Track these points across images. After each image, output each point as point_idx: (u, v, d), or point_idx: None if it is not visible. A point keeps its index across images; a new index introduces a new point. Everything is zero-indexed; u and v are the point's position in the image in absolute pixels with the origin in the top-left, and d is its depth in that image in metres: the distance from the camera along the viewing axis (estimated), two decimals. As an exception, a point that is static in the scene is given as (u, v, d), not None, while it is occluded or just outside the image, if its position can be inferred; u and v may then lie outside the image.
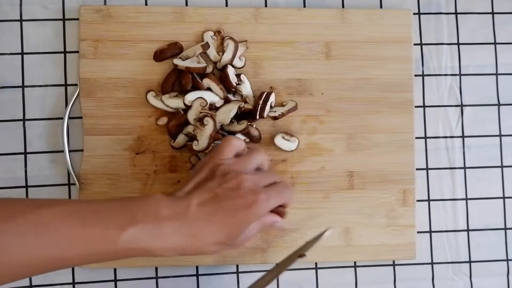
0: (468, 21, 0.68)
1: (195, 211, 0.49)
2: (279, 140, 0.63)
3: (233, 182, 0.51)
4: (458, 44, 0.68)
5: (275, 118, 0.63)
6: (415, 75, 0.67)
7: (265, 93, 0.62)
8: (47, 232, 0.46)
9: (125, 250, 0.47)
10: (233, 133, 0.61)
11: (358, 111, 0.65)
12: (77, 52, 0.64)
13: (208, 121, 0.59)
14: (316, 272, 0.65)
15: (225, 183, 0.51)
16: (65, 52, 0.64)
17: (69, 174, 0.63)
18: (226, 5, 0.66)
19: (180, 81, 0.62)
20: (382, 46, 0.65)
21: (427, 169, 0.67)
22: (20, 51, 0.63)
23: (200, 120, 0.60)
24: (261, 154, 0.57)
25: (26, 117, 0.63)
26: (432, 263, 0.67)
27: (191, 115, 0.61)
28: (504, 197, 0.68)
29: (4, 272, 0.46)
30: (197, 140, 0.59)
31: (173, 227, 0.48)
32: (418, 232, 0.65)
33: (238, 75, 0.63)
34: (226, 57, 0.62)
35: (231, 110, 0.61)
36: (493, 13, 0.69)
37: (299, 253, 0.58)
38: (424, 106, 0.67)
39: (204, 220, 0.49)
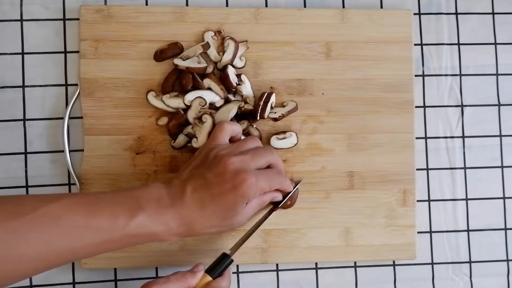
0: (469, 21, 0.68)
1: (189, 198, 0.52)
2: (275, 142, 0.63)
3: (220, 166, 0.53)
4: (459, 44, 0.68)
5: (275, 119, 0.63)
6: (416, 75, 0.67)
7: (266, 93, 0.62)
8: (56, 224, 0.48)
9: (133, 236, 0.50)
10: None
11: (358, 111, 0.65)
12: (78, 52, 0.64)
13: (207, 118, 0.59)
14: (316, 272, 0.65)
15: (214, 168, 0.53)
16: (65, 52, 0.64)
17: (69, 174, 0.63)
18: (227, 5, 0.66)
19: (180, 81, 0.62)
20: (383, 46, 0.65)
21: (427, 169, 0.67)
22: (20, 51, 0.63)
23: (199, 118, 0.60)
24: (256, 140, 0.58)
25: (26, 117, 0.63)
26: (432, 263, 0.67)
27: (191, 115, 0.61)
28: (504, 197, 0.68)
29: (17, 267, 0.47)
30: (197, 138, 0.60)
31: (173, 214, 0.51)
32: (418, 232, 0.65)
33: (238, 75, 0.63)
34: (227, 57, 0.62)
35: (231, 109, 0.61)
36: (493, 13, 0.69)
37: (273, 208, 0.61)
38: (424, 106, 0.67)
39: (197, 206, 0.52)
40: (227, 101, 0.62)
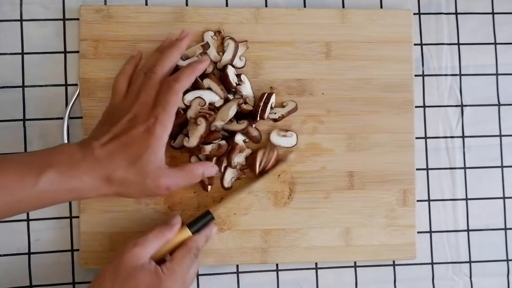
0: (468, 21, 0.68)
1: (99, 151, 0.52)
2: (275, 138, 0.63)
3: (126, 118, 0.54)
4: (458, 44, 0.68)
5: (275, 120, 0.63)
6: (415, 75, 0.67)
7: (266, 94, 0.62)
8: None
9: (46, 193, 0.50)
10: (233, 132, 0.61)
11: (358, 111, 0.65)
12: (77, 52, 0.64)
13: (201, 122, 0.59)
14: (316, 272, 0.65)
15: (120, 120, 0.54)
16: (65, 52, 0.64)
17: (69, 174, 0.63)
18: (226, 5, 0.66)
19: (180, 81, 0.62)
20: (382, 46, 0.65)
21: (427, 169, 0.67)
22: (20, 51, 0.63)
23: (196, 119, 0.60)
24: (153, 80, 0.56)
25: (26, 117, 0.63)
26: (432, 263, 0.67)
27: (190, 115, 0.61)
28: (504, 197, 0.68)
29: None
30: (188, 138, 0.60)
31: (85, 168, 0.51)
32: (418, 232, 0.65)
33: (238, 75, 0.63)
34: (226, 57, 0.62)
35: (231, 107, 0.61)
36: (493, 13, 0.69)
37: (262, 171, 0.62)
38: (424, 106, 0.67)
39: (108, 157, 0.52)
40: (226, 101, 0.62)
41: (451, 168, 0.67)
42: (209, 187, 0.62)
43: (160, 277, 0.52)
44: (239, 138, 0.61)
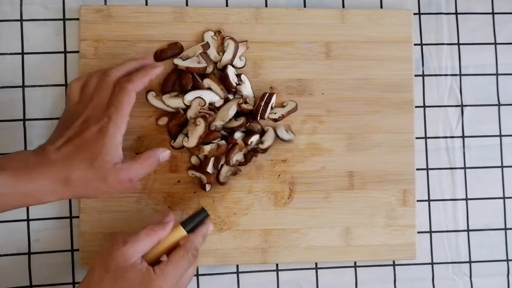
0: (468, 21, 0.68)
1: (54, 154, 0.52)
2: (280, 131, 0.63)
3: (79, 121, 0.53)
4: (458, 44, 0.68)
5: (275, 120, 0.63)
6: (415, 75, 0.67)
7: (267, 94, 0.62)
8: None
9: (1, 197, 0.50)
10: (232, 129, 0.61)
11: (358, 111, 0.65)
12: (77, 52, 0.64)
13: (200, 122, 0.59)
14: (316, 272, 0.65)
15: (73, 124, 0.54)
16: (65, 52, 0.64)
17: (69, 174, 0.63)
18: (227, 5, 0.66)
19: (180, 81, 0.62)
20: (382, 46, 0.65)
21: (427, 169, 0.67)
22: (20, 51, 0.63)
23: (195, 119, 0.60)
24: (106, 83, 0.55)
25: (26, 117, 0.63)
26: (432, 263, 0.67)
27: (190, 115, 0.61)
28: (504, 197, 0.68)
29: None
30: (188, 138, 0.60)
31: (41, 171, 0.51)
32: (418, 232, 0.65)
33: (238, 75, 0.63)
34: (227, 57, 0.62)
35: (231, 107, 0.61)
36: (493, 13, 0.69)
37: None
38: (424, 106, 0.67)
39: (64, 160, 0.52)
40: (226, 101, 0.62)
41: (451, 168, 0.67)
42: (207, 186, 0.62)
43: (151, 277, 0.51)
44: (238, 135, 0.61)
